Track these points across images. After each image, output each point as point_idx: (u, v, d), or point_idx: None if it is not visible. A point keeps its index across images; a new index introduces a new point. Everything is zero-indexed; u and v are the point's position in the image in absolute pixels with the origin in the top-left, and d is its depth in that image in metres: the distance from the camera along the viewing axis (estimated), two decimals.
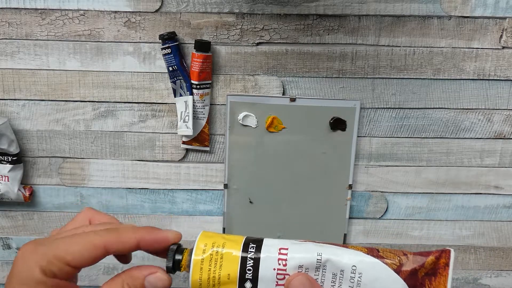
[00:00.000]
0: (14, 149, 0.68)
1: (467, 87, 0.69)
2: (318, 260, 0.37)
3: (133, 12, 0.66)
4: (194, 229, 0.75)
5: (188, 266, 0.37)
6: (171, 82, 0.67)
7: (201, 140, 0.70)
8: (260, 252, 0.37)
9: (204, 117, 0.68)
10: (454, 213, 0.75)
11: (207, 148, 0.71)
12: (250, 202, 0.72)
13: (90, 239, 0.36)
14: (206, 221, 0.74)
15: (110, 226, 0.38)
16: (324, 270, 0.37)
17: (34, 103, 0.69)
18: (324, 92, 0.69)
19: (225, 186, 0.72)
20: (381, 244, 0.76)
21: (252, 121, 0.69)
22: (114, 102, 0.69)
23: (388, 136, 0.71)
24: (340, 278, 0.37)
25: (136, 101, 0.69)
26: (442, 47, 0.67)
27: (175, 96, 0.68)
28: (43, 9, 0.65)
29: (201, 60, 0.65)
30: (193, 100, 0.67)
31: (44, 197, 0.73)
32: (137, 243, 0.37)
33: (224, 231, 0.74)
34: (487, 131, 0.71)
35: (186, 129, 0.67)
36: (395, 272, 0.37)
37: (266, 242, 0.38)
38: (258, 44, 0.67)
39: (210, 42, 0.66)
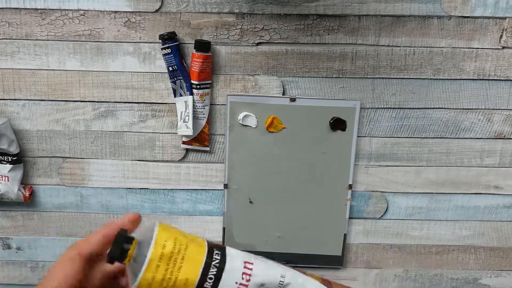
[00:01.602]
0: (14, 149, 0.68)
1: (467, 87, 0.69)
2: (280, 282, 0.36)
3: (133, 12, 0.65)
4: (194, 229, 0.75)
5: (135, 259, 0.34)
6: (171, 82, 0.67)
7: (201, 140, 0.70)
8: (225, 261, 0.35)
9: (204, 117, 0.68)
10: (454, 213, 0.74)
11: (207, 148, 0.71)
12: (250, 202, 0.72)
13: (65, 257, 0.37)
14: (206, 221, 0.74)
15: None
16: None
17: (34, 103, 0.69)
18: (324, 92, 0.69)
19: (225, 186, 0.72)
20: (381, 244, 0.76)
21: (252, 121, 0.69)
22: (114, 102, 0.69)
23: (388, 136, 0.71)
24: None
25: (136, 101, 0.69)
26: (442, 47, 0.67)
27: (175, 96, 0.68)
28: (43, 9, 0.65)
29: (201, 60, 0.65)
30: (193, 100, 0.67)
31: (44, 197, 0.73)
32: (102, 236, 0.38)
33: (224, 231, 0.74)
34: (487, 131, 0.71)
35: (186, 129, 0.67)
36: None
37: (229, 251, 0.36)
38: (258, 44, 0.67)
39: (210, 42, 0.66)
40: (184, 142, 0.70)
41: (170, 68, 0.66)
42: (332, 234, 0.74)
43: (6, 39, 0.67)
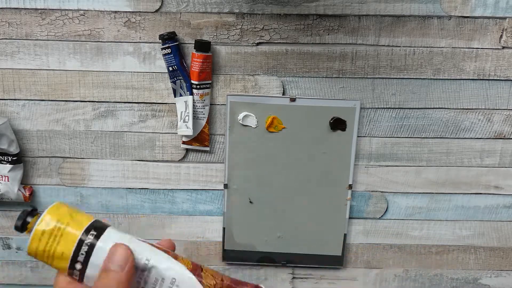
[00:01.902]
0: (14, 149, 0.68)
1: (467, 87, 0.69)
2: (145, 264, 0.42)
3: (133, 12, 0.66)
4: (194, 229, 0.75)
5: (31, 231, 0.41)
6: (171, 82, 0.67)
7: (201, 140, 0.70)
8: (98, 240, 0.42)
9: (204, 117, 0.68)
10: (454, 213, 0.75)
11: (207, 148, 0.71)
12: (250, 202, 0.72)
13: None
14: (206, 221, 0.74)
15: None
16: (149, 273, 0.42)
17: (34, 103, 0.69)
18: (324, 92, 0.69)
19: (225, 186, 0.72)
20: (381, 244, 0.76)
21: (252, 121, 0.69)
22: (114, 102, 0.69)
23: (388, 136, 0.71)
24: (161, 284, 0.43)
25: (136, 101, 0.69)
26: (442, 47, 0.67)
27: (175, 96, 0.68)
28: (43, 9, 0.65)
29: (201, 60, 0.65)
30: (193, 100, 0.67)
31: (44, 197, 0.73)
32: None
33: (224, 231, 0.74)
34: (487, 131, 0.71)
35: (186, 129, 0.67)
36: None
37: (108, 233, 0.42)
38: (258, 44, 0.67)
39: (210, 42, 0.66)
40: (184, 142, 0.70)
41: (170, 68, 0.66)
42: (332, 234, 0.74)
43: (6, 39, 0.67)
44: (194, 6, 0.65)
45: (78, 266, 0.41)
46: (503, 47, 0.67)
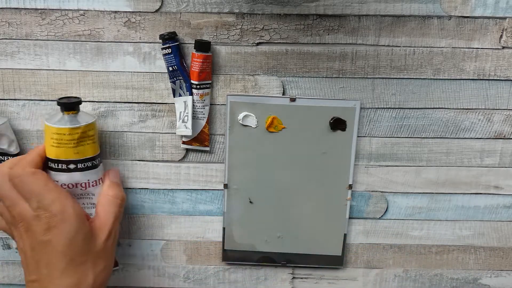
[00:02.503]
0: (14, 149, 0.68)
1: (467, 87, 0.69)
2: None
3: (133, 12, 0.66)
4: (194, 229, 0.75)
5: (72, 119, 0.58)
6: (170, 82, 0.67)
7: (201, 140, 0.70)
8: (99, 164, 0.62)
9: (204, 117, 0.68)
10: (454, 213, 0.75)
11: (207, 148, 0.71)
12: (250, 202, 0.72)
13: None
14: (206, 221, 0.74)
15: None
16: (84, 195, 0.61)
17: (34, 103, 0.69)
18: (324, 92, 0.69)
19: (225, 186, 0.72)
20: (381, 244, 0.76)
21: (252, 121, 0.69)
22: (114, 102, 0.69)
23: (388, 136, 0.71)
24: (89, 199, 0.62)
25: (136, 101, 0.69)
26: (442, 47, 0.67)
27: (174, 96, 0.68)
28: (43, 9, 0.65)
29: (201, 60, 0.65)
30: (193, 100, 0.67)
31: None
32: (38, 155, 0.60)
33: (224, 231, 0.74)
34: (487, 131, 0.71)
35: (185, 129, 0.67)
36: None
37: (102, 164, 0.64)
38: (258, 44, 0.67)
39: (210, 42, 0.66)
40: (184, 142, 0.70)
41: (170, 68, 0.66)
42: (332, 234, 0.74)
43: (6, 39, 0.67)
44: (194, 6, 0.65)
45: (72, 166, 0.55)
46: (503, 47, 0.67)
